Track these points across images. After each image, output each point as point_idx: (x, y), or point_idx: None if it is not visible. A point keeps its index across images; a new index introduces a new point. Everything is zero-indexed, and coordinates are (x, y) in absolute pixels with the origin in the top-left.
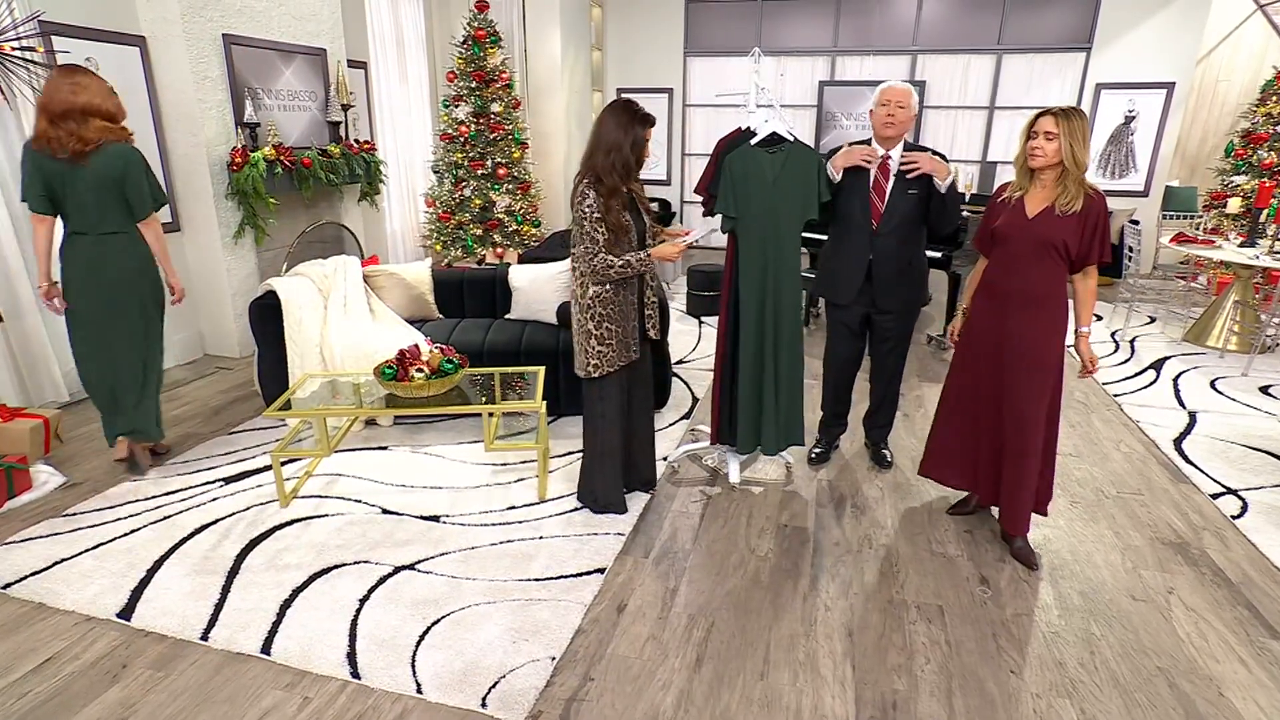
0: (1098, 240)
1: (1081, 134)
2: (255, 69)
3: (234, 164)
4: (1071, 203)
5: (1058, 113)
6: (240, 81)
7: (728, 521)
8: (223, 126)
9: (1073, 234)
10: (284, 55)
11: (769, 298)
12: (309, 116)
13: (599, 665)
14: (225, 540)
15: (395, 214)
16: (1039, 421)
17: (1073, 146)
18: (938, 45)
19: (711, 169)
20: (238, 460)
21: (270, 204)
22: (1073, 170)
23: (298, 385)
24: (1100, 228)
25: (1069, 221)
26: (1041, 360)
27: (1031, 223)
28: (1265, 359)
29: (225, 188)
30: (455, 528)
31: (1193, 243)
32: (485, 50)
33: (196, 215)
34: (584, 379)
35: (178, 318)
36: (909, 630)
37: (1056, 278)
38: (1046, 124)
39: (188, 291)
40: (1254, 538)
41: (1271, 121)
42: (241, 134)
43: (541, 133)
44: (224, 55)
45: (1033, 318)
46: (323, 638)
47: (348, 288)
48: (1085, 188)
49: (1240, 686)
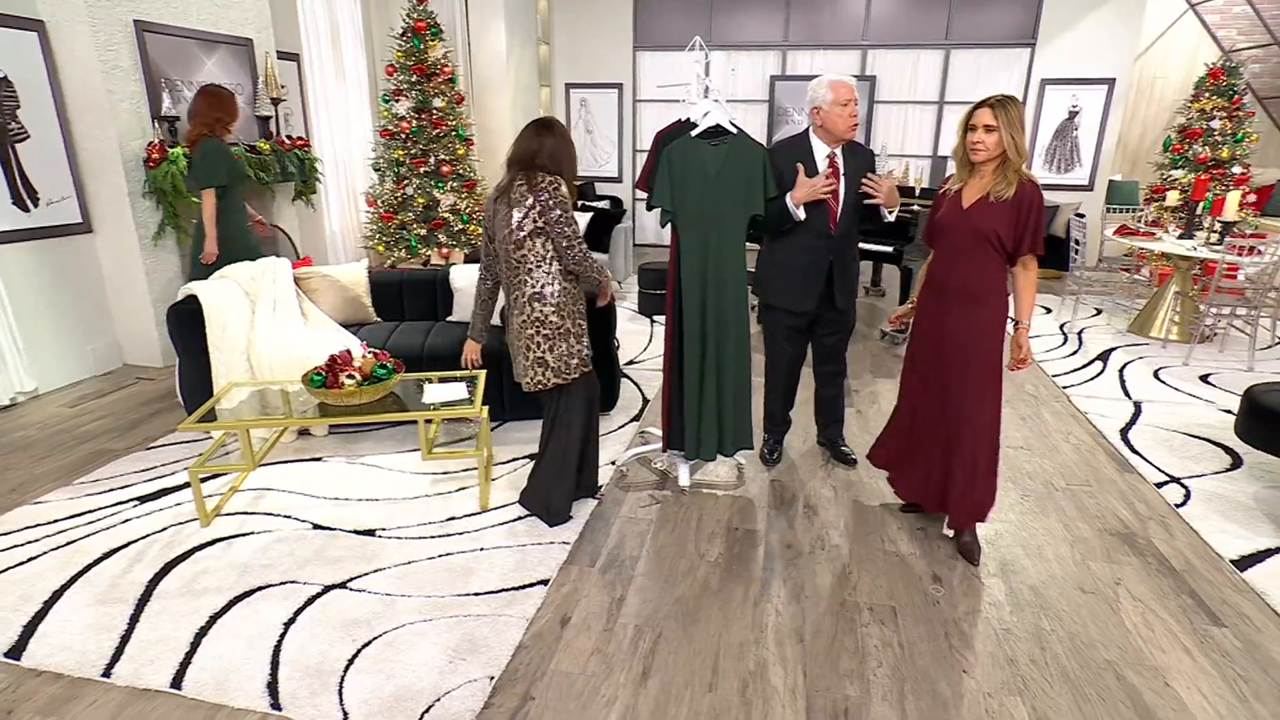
0: (1030, 229)
1: (1020, 122)
2: (173, 59)
3: (151, 160)
4: (1005, 190)
5: (994, 104)
6: (156, 72)
7: (677, 526)
8: (137, 120)
9: (1006, 224)
10: (205, 45)
11: (710, 298)
12: None
13: (540, 683)
14: (136, 565)
15: (334, 214)
16: (978, 420)
17: (1014, 137)
18: (887, 40)
19: (651, 161)
20: (155, 477)
21: (193, 203)
22: (1014, 160)
23: (221, 395)
24: (1033, 216)
25: (1003, 211)
26: (980, 357)
27: (967, 213)
28: (1204, 348)
29: (142, 185)
30: (391, 542)
31: (1134, 235)
32: (426, 43)
33: (109, 215)
34: (560, 384)
35: (92, 325)
36: (861, 633)
37: (994, 271)
38: (985, 117)
39: (101, 297)
40: (1196, 525)
41: (1205, 117)
42: (159, 128)
43: (487, 129)
44: (136, 43)
45: (971, 313)
46: (241, 667)
47: (277, 291)
48: (1020, 175)
49: (1185, 675)
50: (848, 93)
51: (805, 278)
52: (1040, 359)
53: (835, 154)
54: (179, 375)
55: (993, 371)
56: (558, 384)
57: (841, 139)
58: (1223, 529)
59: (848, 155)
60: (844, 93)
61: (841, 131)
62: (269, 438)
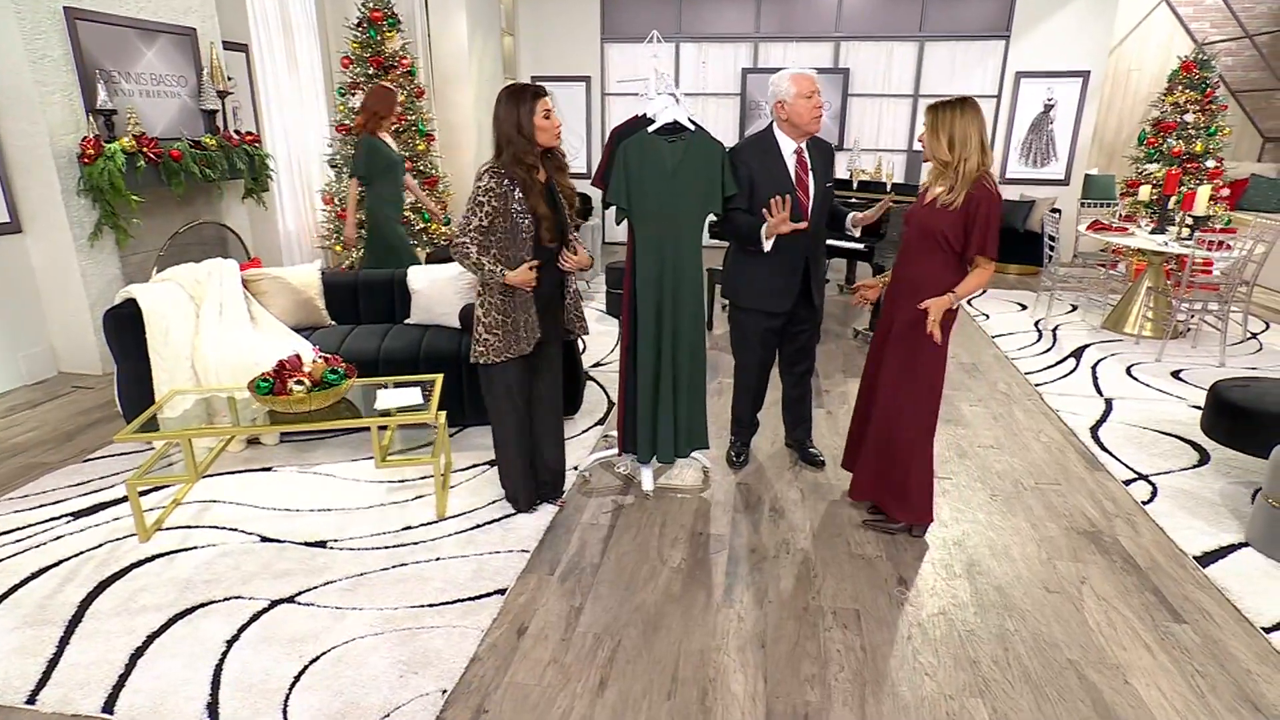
0: (977, 233)
1: (946, 129)
2: (108, 49)
3: (86, 156)
4: (952, 198)
5: (930, 105)
6: (90, 63)
7: (640, 531)
8: (70, 113)
9: (954, 226)
10: (144, 34)
11: (667, 298)
12: (178, 104)
13: (494, 695)
14: (68, 584)
15: (289, 213)
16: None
17: (931, 142)
18: (861, 32)
19: (606, 157)
20: (91, 491)
21: (133, 201)
22: (936, 166)
23: (162, 402)
24: (980, 222)
25: (950, 215)
26: (917, 346)
27: (921, 211)
28: (1177, 344)
29: (77, 183)
30: (343, 553)
31: (1107, 230)
32: (382, 34)
33: (41, 214)
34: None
35: (23, 331)
36: (824, 638)
37: (942, 271)
38: (925, 117)
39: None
40: (1162, 522)
41: (1178, 110)
42: (94, 122)
43: (449, 124)
44: (67, 32)
45: (916, 303)
46: (179, 688)
47: (224, 293)
48: (969, 183)
49: (1145, 672)
50: (810, 84)
51: (782, 277)
52: (1014, 356)
53: (802, 149)
54: (118, 383)
55: (927, 366)
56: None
57: (807, 132)
58: (1188, 525)
59: (811, 148)
60: (806, 85)
61: (807, 124)
62: (214, 447)
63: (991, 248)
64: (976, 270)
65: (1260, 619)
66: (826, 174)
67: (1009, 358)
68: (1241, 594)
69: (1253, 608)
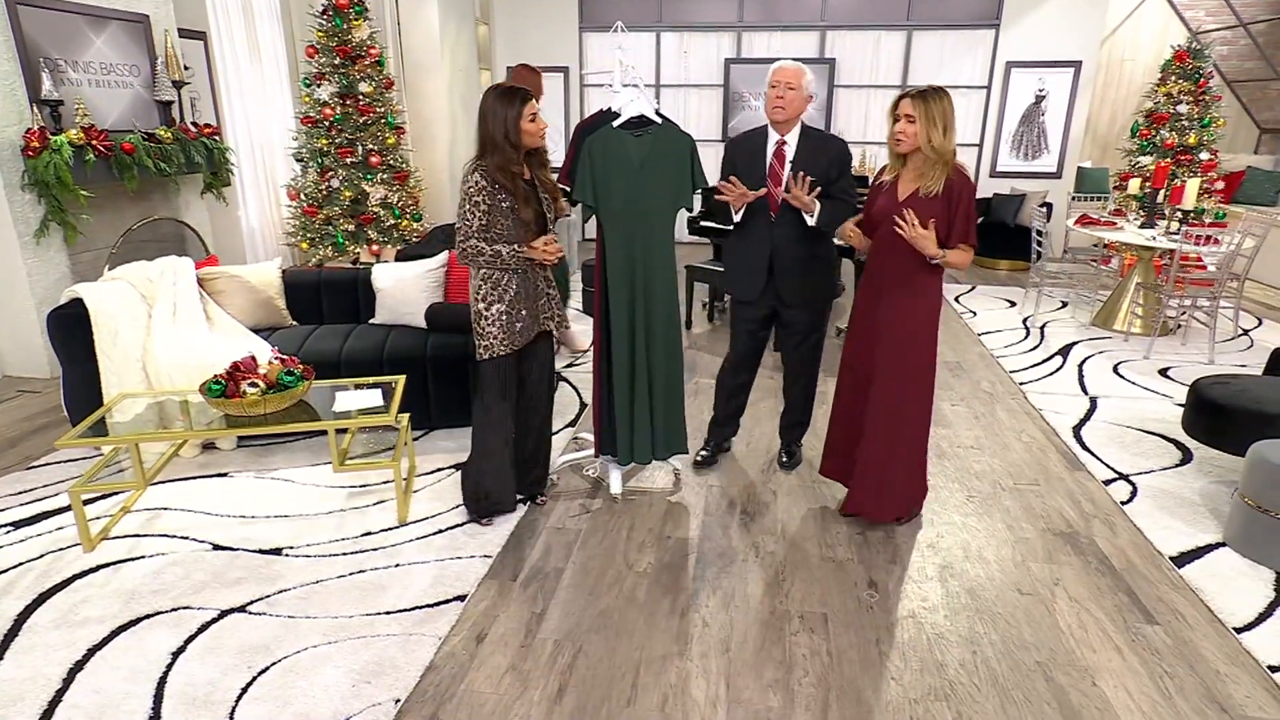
0: (960, 220)
1: (941, 117)
2: (53, 36)
3: (30, 149)
4: (932, 186)
5: (915, 95)
6: (34, 50)
7: (607, 536)
8: (12, 103)
9: (939, 217)
10: (93, 21)
11: (639, 296)
12: (131, 95)
13: (449, 704)
14: (5, 597)
15: (252, 209)
16: (903, 406)
17: (929, 132)
18: (847, 21)
19: (571, 153)
20: (33, 500)
21: (81, 196)
22: (929, 155)
23: (110, 406)
24: (963, 207)
25: (934, 204)
26: (914, 350)
27: (900, 206)
28: (1166, 341)
29: (20, 176)
30: (298, 560)
31: (1095, 224)
32: (349, 22)
33: None
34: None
35: None
36: (789, 642)
37: (925, 260)
38: (906, 106)
39: None
40: (1140, 522)
41: (1172, 101)
42: (39, 113)
43: (421, 116)
44: (8, 18)
45: (906, 303)
46: (120, 703)
47: (177, 293)
48: (948, 170)
49: (1113, 674)
50: (774, 75)
51: (746, 265)
52: (1000, 354)
53: (785, 142)
54: (64, 387)
55: (926, 367)
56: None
57: (774, 121)
58: (1166, 525)
59: (804, 142)
60: (771, 76)
61: (769, 114)
62: (164, 453)
63: (971, 233)
64: (959, 249)
65: (1232, 619)
66: (816, 169)
67: (994, 356)
68: (1215, 594)
69: (1225, 608)
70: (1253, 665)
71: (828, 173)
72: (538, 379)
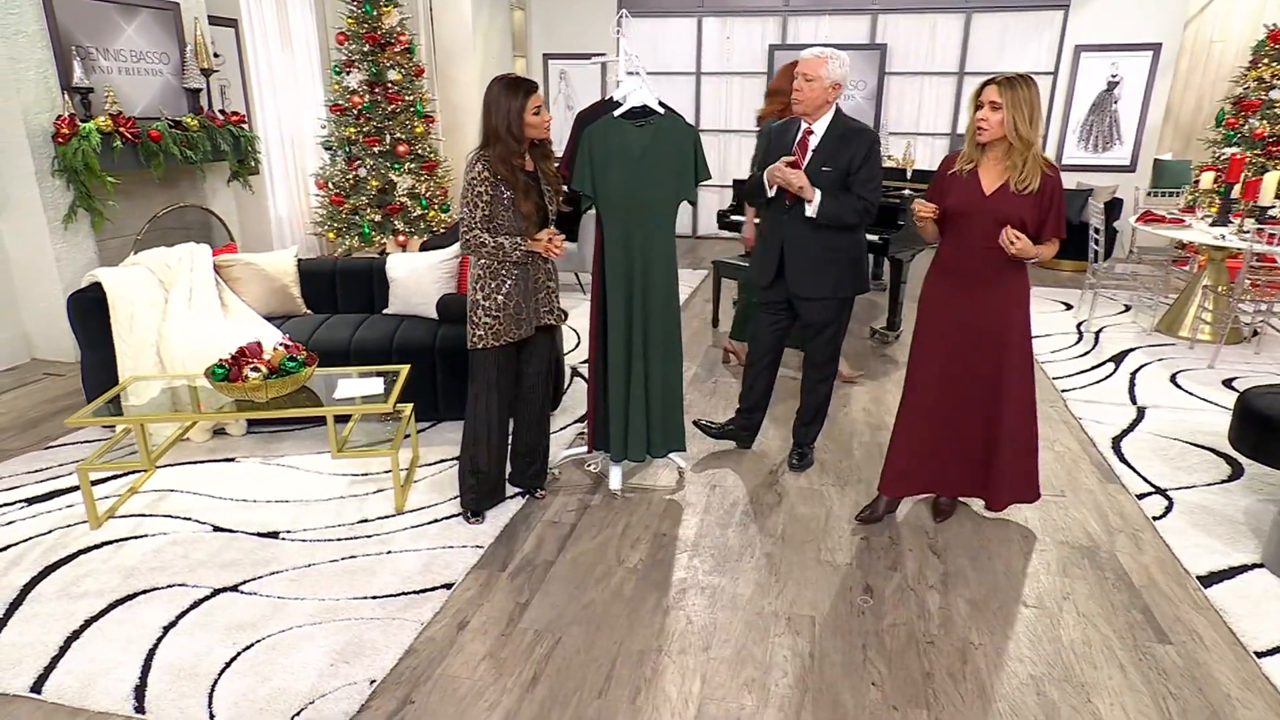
0: (1053, 216)
1: (1028, 106)
2: (85, 24)
3: (60, 135)
4: (1028, 181)
5: (1001, 81)
6: (66, 39)
7: (601, 531)
8: (45, 91)
9: (1030, 212)
10: (124, 9)
11: (637, 289)
12: (161, 82)
13: (423, 687)
14: (14, 568)
15: (280, 197)
16: (1019, 397)
17: (1015, 120)
18: (900, 3)
19: (571, 144)
20: (48, 478)
21: (108, 183)
22: (1016, 145)
23: (121, 388)
24: (1056, 204)
25: (1026, 199)
26: (1009, 335)
27: (989, 200)
28: (1237, 349)
29: (51, 163)
30: (294, 544)
31: (1160, 222)
32: (379, 9)
33: (14, 195)
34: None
35: None
36: (772, 643)
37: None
38: (991, 93)
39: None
40: (1170, 539)
41: (1263, 87)
42: (70, 100)
43: (452, 104)
44: (43, 7)
45: (995, 294)
46: (110, 671)
47: (194, 279)
48: (1040, 163)
49: (1111, 692)
50: (797, 66)
51: (761, 252)
52: (1045, 360)
53: (812, 131)
54: (82, 369)
55: (1027, 348)
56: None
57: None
58: (1198, 543)
59: (830, 132)
60: (794, 67)
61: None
62: (171, 435)
63: (1062, 227)
64: (1050, 244)
65: (1255, 643)
66: (836, 162)
67: (1040, 361)
68: (1241, 616)
69: (1249, 630)
70: (1270, 691)
71: (849, 164)
72: (535, 372)
